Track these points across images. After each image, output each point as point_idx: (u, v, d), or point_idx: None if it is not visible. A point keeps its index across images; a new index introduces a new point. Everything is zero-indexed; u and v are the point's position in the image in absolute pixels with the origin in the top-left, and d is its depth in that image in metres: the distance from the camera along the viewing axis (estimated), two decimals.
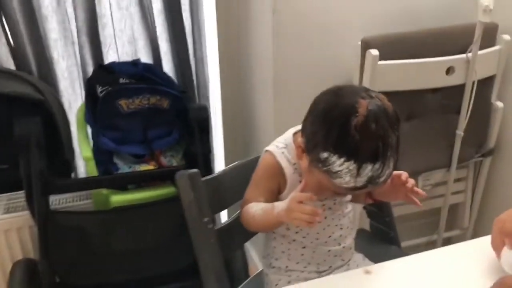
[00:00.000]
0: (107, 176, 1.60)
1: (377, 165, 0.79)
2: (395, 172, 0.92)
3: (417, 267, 0.84)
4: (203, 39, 1.78)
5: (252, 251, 1.89)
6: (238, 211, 1.02)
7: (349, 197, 1.01)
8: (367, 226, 1.33)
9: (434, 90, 1.50)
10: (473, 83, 1.48)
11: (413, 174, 1.57)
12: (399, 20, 1.48)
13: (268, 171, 0.96)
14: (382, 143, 0.78)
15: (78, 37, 1.65)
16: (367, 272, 0.78)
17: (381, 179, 0.81)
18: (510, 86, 1.59)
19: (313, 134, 0.84)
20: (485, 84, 1.55)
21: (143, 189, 1.66)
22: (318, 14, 1.42)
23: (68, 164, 1.77)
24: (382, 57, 1.38)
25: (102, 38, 1.69)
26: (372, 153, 0.78)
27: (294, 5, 1.40)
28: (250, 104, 1.77)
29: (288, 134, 0.97)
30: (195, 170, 0.98)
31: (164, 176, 1.64)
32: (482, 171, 1.70)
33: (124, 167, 1.65)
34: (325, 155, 0.80)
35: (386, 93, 1.42)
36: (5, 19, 1.57)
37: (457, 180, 1.72)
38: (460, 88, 1.50)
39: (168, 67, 1.80)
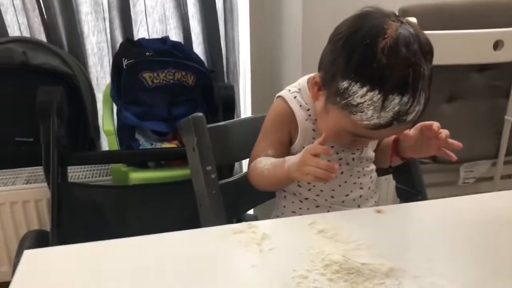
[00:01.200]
0: (126, 151, 1.55)
1: (405, 98, 0.68)
2: (425, 123, 0.81)
3: (433, 211, 0.73)
4: (235, 19, 1.73)
5: None
6: (245, 171, 0.92)
7: (371, 152, 0.90)
8: None
9: (481, 68, 1.36)
10: None
11: (454, 163, 1.44)
12: None
13: (278, 118, 0.86)
14: (412, 71, 0.68)
15: (109, 12, 1.64)
16: (379, 211, 0.66)
17: (410, 117, 0.70)
18: None
19: (332, 62, 0.73)
20: None
21: (163, 168, 1.59)
22: None
23: (93, 142, 1.75)
24: (421, 27, 1.26)
25: (133, 15, 1.67)
26: (400, 82, 0.68)
27: None
28: (280, 84, 1.69)
29: (303, 78, 0.87)
30: (199, 114, 0.89)
31: (185, 156, 1.56)
32: None
33: (145, 144, 1.59)
34: (345, 84, 0.70)
35: None
36: None
37: (506, 176, 1.54)
38: (511, 68, 1.36)
39: (199, 47, 1.76)
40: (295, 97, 0.85)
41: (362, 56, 0.69)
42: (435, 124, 0.80)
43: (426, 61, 0.71)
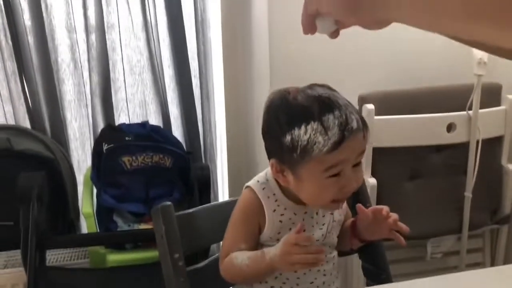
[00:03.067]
0: (104, 233, 1.59)
1: (337, 112, 0.77)
2: (376, 207, 0.88)
3: None
4: (211, 103, 1.84)
5: None
6: (217, 255, 0.97)
7: (334, 238, 0.95)
8: None
9: (438, 149, 1.46)
10: (478, 142, 1.43)
11: (420, 239, 1.50)
12: (397, 79, 1.49)
13: (247, 210, 0.90)
14: (325, 97, 0.79)
15: (92, 99, 1.74)
16: None
17: (353, 124, 0.77)
18: None
19: (271, 138, 0.84)
20: (493, 144, 1.50)
21: (141, 249, 1.62)
22: (314, 70, 1.46)
23: (72, 224, 1.78)
24: (379, 112, 1.37)
25: (114, 102, 1.77)
26: (322, 105, 0.78)
27: (289, 62, 1.44)
28: (256, 164, 1.76)
29: (269, 169, 0.94)
30: (168, 203, 0.96)
31: None
32: (500, 241, 1.58)
33: (123, 226, 1.63)
34: (288, 137, 0.78)
35: (386, 149, 1.41)
36: (26, 80, 1.68)
37: (473, 250, 1.60)
38: (466, 148, 1.46)
39: (178, 130, 1.85)
40: (263, 189, 0.89)
41: (283, 111, 0.80)
42: (385, 209, 0.87)
43: (334, 91, 0.82)
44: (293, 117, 0.78)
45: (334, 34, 0.62)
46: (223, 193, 1.92)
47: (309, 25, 0.61)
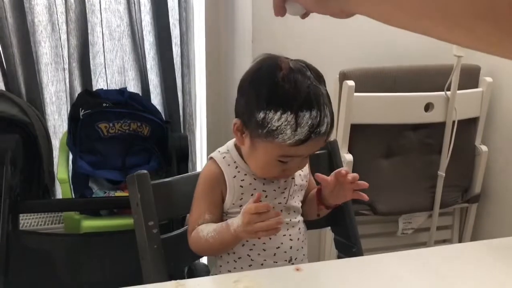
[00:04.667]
0: (79, 199, 1.58)
1: (314, 112, 0.79)
2: (337, 170, 0.90)
3: (350, 269, 0.79)
4: (191, 72, 1.82)
5: None
6: (186, 227, 0.97)
7: (297, 203, 0.96)
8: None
9: (415, 128, 1.48)
10: (454, 122, 1.45)
11: (393, 215, 1.53)
12: (378, 57, 1.50)
13: (208, 180, 0.92)
14: (312, 91, 0.80)
15: (69, 63, 1.70)
16: (297, 269, 0.73)
17: (323, 128, 0.81)
18: (495, 130, 1.56)
19: (246, 103, 0.85)
20: (468, 125, 1.52)
21: (116, 216, 1.62)
22: (297, 46, 1.45)
23: (47, 189, 1.76)
24: (359, 89, 1.38)
25: (92, 66, 1.74)
26: (305, 100, 0.79)
27: (272, 36, 1.43)
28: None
29: (231, 141, 0.95)
30: (144, 171, 0.95)
31: None
32: (468, 219, 1.63)
33: (98, 192, 1.63)
34: (261, 115, 0.80)
35: (363, 126, 1.43)
36: (0, 42, 1.63)
37: (442, 227, 1.65)
38: (442, 128, 1.48)
39: (156, 98, 1.83)
40: (224, 158, 0.93)
41: (268, 88, 0.81)
42: (344, 169, 0.90)
43: (321, 83, 0.84)
44: (273, 100, 0.80)
45: (304, 16, 0.66)
46: (201, 164, 1.92)
47: (279, 8, 0.64)
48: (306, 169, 0.98)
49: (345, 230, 1.18)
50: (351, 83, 1.36)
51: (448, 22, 0.43)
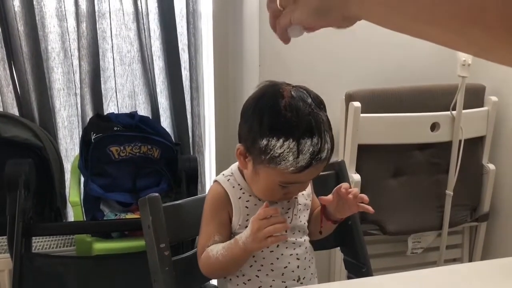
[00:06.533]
0: (91, 222, 1.60)
1: (315, 139, 0.82)
2: (338, 186, 0.92)
3: None
4: (200, 95, 1.85)
5: None
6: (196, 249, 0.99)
7: (303, 222, 0.98)
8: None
9: (422, 148, 1.49)
10: (460, 141, 1.47)
11: (402, 234, 1.54)
12: (384, 78, 1.52)
13: (215, 202, 0.95)
14: (313, 118, 0.83)
15: (81, 88, 1.74)
16: None
17: (324, 154, 0.83)
18: (501, 149, 1.57)
19: (249, 130, 0.86)
20: (475, 144, 1.53)
21: (127, 238, 1.64)
22: (303, 68, 1.48)
23: (59, 212, 1.79)
24: (365, 110, 1.40)
25: (103, 91, 1.77)
26: (306, 128, 0.81)
27: (279, 59, 1.46)
28: None
29: (235, 164, 0.98)
30: (156, 194, 0.97)
31: None
32: (478, 237, 1.62)
33: (110, 215, 1.64)
34: (264, 142, 0.82)
35: (370, 146, 1.44)
36: (15, 68, 1.68)
37: (452, 246, 1.64)
38: (448, 147, 1.49)
39: (166, 121, 1.86)
40: (228, 180, 0.95)
41: (270, 116, 0.83)
42: (343, 186, 0.91)
43: (321, 110, 0.86)
44: (275, 128, 0.82)
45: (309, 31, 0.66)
46: (210, 186, 1.94)
47: (284, 36, 0.66)
48: (308, 188, 0.99)
49: (354, 251, 1.19)
50: (357, 104, 1.38)
51: (440, 26, 0.44)
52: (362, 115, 1.39)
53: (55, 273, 1.53)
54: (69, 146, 1.81)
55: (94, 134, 1.64)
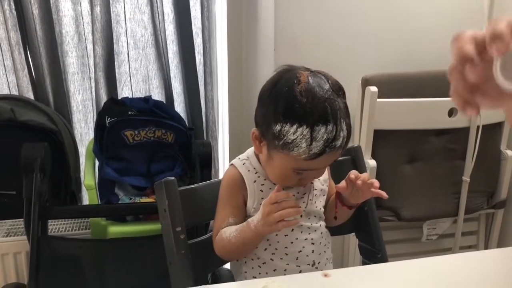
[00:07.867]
0: (106, 205, 1.61)
1: (330, 127, 0.80)
2: (348, 174, 0.90)
3: (378, 276, 0.79)
4: (214, 81, 1.84)
5: None
6: (211, 233, 0.99)
7: (319, 208, 0.97)
8: None
9: (438, 133, 1.47)
10: (478, 127, 1.44)
11: (417, 221, 1.53)
12: (401, 62, 1.50)
13: (230, 185, 0.95)
14: (329, 105, 0.81)
15: (95, 72, 1.74)
16: (325, 275, 0.73)
17: (338, 142, 0.81)
18: None
19: (264, 114, 0.86)
20: (493, 130, 1.51)
21: (142, 222, 1.65)
22: (319, 52, 1.46)
23: (74, 195, 1.81)
24: (382, 95, 1.38)
25: (117, 75, 1.77)
26: (321, 114, 0.80)
27: (294, 44, 1.44)
28: None
29: (251, 149, 0.97)
30: (172, 178, 0.97)
31: None
32: (494, 225, 1.61)
33: (124, 198, 1.66)
34: (278, 127, 0.82)
35: (387, 132, 1.43)
36: (29, 52, 1.68)
37: (468, 233, 1.63)
38: (466, 133, 1.47)
39: (180, 106, 1.85)
40: (243, 164, 0.95)
41: (285, 101, 0.82)
42: (353, 172, 0.90)
43: (339, 96, 0.83)
44: (290, 113, 0.81)
45: None
46: (224, 170, 1.94)
47: (467, 105, 0.48)
48: (325, 174, 0.99)
49: (369, 237, 1.19)
50: (374, 89, 1.36)
51: None
52: (378, 100, 1.37)
53: (71, 255, 1.55)
54: (83, 130, 1.82)
55: (109, 118, 1.64)
